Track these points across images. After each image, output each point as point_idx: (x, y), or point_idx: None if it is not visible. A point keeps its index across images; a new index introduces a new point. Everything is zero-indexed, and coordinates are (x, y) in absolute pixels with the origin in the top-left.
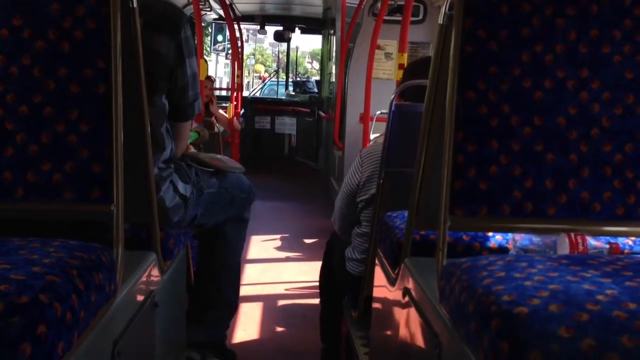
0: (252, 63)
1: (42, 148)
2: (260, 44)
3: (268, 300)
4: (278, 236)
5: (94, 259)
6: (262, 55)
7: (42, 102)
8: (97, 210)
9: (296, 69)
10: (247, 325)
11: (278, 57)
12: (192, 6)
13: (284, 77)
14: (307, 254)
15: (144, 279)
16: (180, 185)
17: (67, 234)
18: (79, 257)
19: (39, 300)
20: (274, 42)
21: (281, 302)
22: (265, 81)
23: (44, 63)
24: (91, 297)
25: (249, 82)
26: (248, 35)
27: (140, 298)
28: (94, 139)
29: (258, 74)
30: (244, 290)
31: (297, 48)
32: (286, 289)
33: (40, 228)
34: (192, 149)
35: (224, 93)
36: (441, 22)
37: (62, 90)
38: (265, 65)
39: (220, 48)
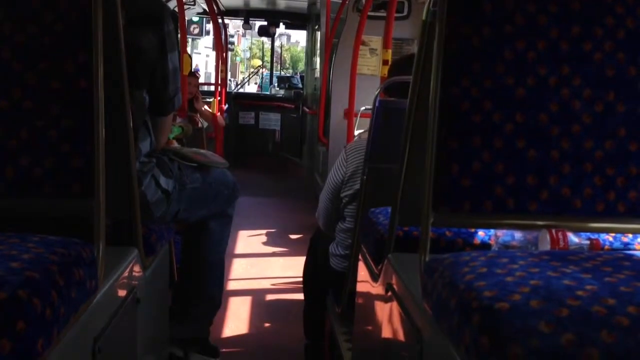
0: (246, 57)
1: (22, 143)
2: (258, 38)
3: (253, 296)
4: (263, 232)
5: (74, 255)
6: (260, 50)
7: (22, 97)
8: (78, 205)
9: (280, 62)
10: (231, 321)
11: (262, 51)
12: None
13: (279, 71)
14: (292, 250)
15: (125, 274)
16: (162, 180)
17: (47, 230)
18: (59, 253)
19: (18, 296)
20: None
21: (266, 298)
22: (263, 74)
23: (24, 57)
24: (71, 293)
25: (244, 77)
26: (245, 30)
27: (121, 294)
28: (74, 134)
29: (255, 69)
30: (229, 286)
31: (281, 43)
32: (271, 285)
33: (19, 223)
34: (175, 144)
35: (212, 88)
36: (425, 19)
37: (43, 84)
38: (262, 60)
39: (196, 32)
